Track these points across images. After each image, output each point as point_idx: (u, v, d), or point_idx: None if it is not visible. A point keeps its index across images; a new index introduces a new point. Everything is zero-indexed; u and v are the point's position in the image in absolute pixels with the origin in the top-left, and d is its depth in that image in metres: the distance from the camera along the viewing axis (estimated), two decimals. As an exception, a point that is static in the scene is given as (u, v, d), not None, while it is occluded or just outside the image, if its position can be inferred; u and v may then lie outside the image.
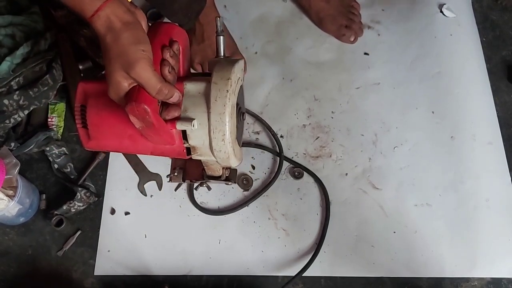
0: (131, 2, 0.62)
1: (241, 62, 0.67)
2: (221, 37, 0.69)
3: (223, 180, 0.79)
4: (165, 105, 0.64)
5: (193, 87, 0.65)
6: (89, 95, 0.69)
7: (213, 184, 0.94)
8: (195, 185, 0.92)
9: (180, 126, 0.64)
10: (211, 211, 0.94)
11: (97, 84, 0.70)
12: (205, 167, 0.77)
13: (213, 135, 0.64)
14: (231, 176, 0.80)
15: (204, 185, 0.90)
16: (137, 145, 0.69)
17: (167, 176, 0.85)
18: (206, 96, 0.64)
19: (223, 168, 0.78)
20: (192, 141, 0.66)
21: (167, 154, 0.70)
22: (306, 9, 1.13)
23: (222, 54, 0.70)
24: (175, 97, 0.61)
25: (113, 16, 0.58)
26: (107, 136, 0.70)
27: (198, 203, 0.94)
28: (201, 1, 0.95)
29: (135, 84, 0.60)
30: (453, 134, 1.01)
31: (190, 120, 0.63)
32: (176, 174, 0.83)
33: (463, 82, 1.06)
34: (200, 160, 0.73)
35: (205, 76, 0.67)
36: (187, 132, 0.65)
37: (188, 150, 0.68)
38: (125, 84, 0.60)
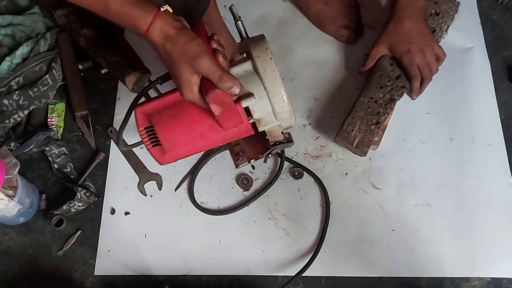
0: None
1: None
2: (239, 22, 0.74)
3: (286, 143, 0.83)
4: None
5: (238, 69, 0.72)
6: (150, 115, 0.75)
7: (216, 182, 0.95)
8: (263, 158, 0.92)
9: (245, 103, 0.70)
10: (211, 211, 0.94)
11: (152, 103, 0.75)
12: (269, 137, 0.81)
13: (273, 100, 0.71)
14: (289, 137, 0.85)
15: (271, 156, 0.92)
16: (209, 140, 0.75)
17: (235, 163, 0.88)
18: (255, 70, 0.71)
19: (282, 132, 0.82)
20: (256, 114, 0.73)
21: (236, 136, 0.76)
22: (304, 11, 1.13)
23: (245, 36, 0.75)
24: (236, 88, 0.65)
25: (166, 26, 0.65)
26: (181, 144, 0.75)
27: (198, 203, 0.95)
28: (205, 1, 0.96)
29: (202, 76, 0.66)
30: (453, 135, 1.01)
31: (250, 95, 0.70)
32: (241, 158, 0.88)
33: (465, 84, 1.06)
34: (255, 137, 0.77)
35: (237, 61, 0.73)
36: (250, 108, 0.72)
37: (254, 125, 0.74)
38: (195, 79, 0.66)
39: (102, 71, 1.05)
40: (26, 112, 0.96)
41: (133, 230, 0.93)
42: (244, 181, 0.96)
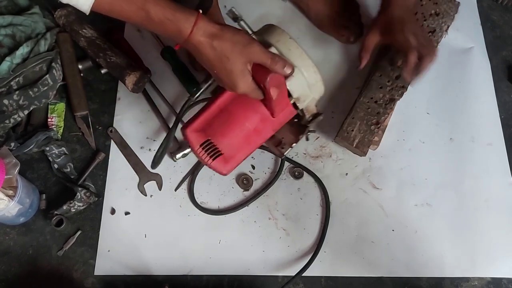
0: None
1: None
2: (242, 21, 0.75)
3: (320, 114, 0.84)
4: None
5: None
6: (201, 130, 0.76)
7: (216, 182, 0.95)
8: (305, 136, 0.94)
9: (287, 84, 0.73)
10: (211, 211, 0.94)
11: (199, 118, 0.77)
12: (305, 113, 0.82)
13: (306, 74, 0.74)
14: (320, 108, 0.86)
15: (309, 133, 0.94)
16: (262, 133, 0.79)
17: (280, 152, 0.88)
18: (281, 54, 0.73)
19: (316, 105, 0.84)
20: (295, 93, 0.75)
21: (284, 121, 0.80)
22: (304, 11, 1.12)
23: (252, 31, 0.75)
24: (288, 68, 0.70)
25: (209, 25, 0.67)
26: (241, 146, 0.78)
27: (198, 203, 0.95)
28: (208, 0, 0.97)
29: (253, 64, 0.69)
30: (453, 135, 1.01)
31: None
32: (283, 146, 0.88)
33: (465, 84, 1.06)
34: (288, 123, 0.80)
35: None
36: (289, 88, 0.74)
37: (295, 105, 0.77)
38: (249, 68, 0.69)
39: (102, 71, 1.05)
40: (26, 112, 0.96)
41: (133, 230, 0.93)
42: (244, 181, 0.96)
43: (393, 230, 0.93)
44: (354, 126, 0.94)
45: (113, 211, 0.94)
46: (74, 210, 0.92)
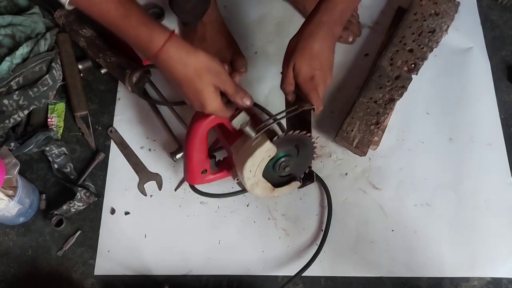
0: None
1: (264, 146, 0.74)
2: (246, 128, 0.75)
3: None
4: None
5: (239, 144, 0.79)
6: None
7: (216, 182, 0.94)
8: None
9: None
10: (210, 194, 0.91)
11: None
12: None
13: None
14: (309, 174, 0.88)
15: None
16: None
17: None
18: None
19: None
20: None
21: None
22: (302, 12, 1.12)
23: (279, 134, 0.77)
24: (248, 97, 0.72)
25: (182, 41, 0.67)
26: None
27: (199, 193, 0.92)
28: (206, 1, 0.97)
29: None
30: (452, 135, 1.01)
31: (235, 176, 0.86)
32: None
33: (465, 84, 1.06)
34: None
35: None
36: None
37: None
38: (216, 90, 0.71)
39: (102, 71, 1.05)
40: (26, 112, 0.96)
41: (133, 230, 0.93)
42: (244, 181, 0.96)
43: (392, 230, 0.93)
44: (354, 126, 0.94)
45: (113, 211, 0.94)
46: (74, 210, 0.92)
